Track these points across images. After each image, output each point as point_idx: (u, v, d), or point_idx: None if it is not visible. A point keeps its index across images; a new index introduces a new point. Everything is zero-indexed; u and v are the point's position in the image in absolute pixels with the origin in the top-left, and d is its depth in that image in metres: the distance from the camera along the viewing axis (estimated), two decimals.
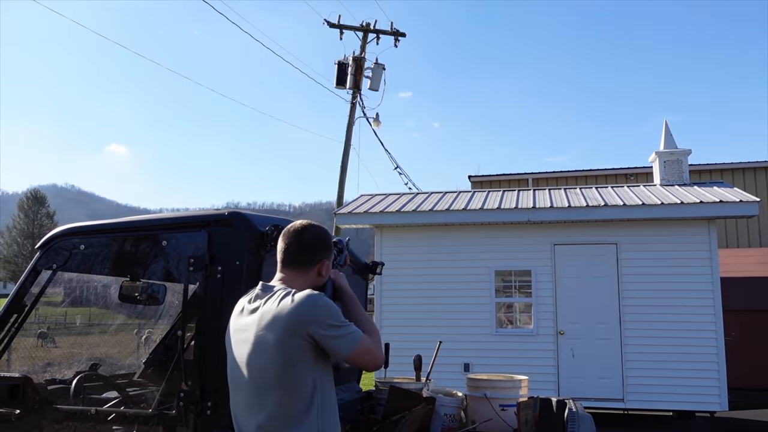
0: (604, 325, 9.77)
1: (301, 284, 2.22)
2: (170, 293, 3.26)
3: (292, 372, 2.06)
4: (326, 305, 2.10)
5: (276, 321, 2.07)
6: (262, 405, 2.10)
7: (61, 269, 2.98)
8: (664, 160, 11.47)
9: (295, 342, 2.05)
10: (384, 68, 18.49)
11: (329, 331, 2.06)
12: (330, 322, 2.07)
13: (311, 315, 2.05)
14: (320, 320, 2.05)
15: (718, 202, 9.54)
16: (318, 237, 2.28)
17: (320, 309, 2.08)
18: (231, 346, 2.25)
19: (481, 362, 9.58)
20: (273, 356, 2.07)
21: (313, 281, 2.26)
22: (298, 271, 2.25)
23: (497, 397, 3.27)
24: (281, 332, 2.06)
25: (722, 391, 9.30)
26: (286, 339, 2.05)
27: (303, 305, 2.06)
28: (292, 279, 2.24)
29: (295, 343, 2.05)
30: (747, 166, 19.80)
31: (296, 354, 2.06)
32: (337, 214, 11.19)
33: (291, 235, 2.27)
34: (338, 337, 2.07)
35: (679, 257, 9.69)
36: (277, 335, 2.06)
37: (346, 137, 18.18)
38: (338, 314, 2.10)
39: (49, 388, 3.01)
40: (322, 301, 2.10)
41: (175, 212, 3.05)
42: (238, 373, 2.18)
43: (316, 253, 2.26)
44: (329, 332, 2.06)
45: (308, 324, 2.05)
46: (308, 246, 2.26)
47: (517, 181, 21.49)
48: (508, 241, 10.31)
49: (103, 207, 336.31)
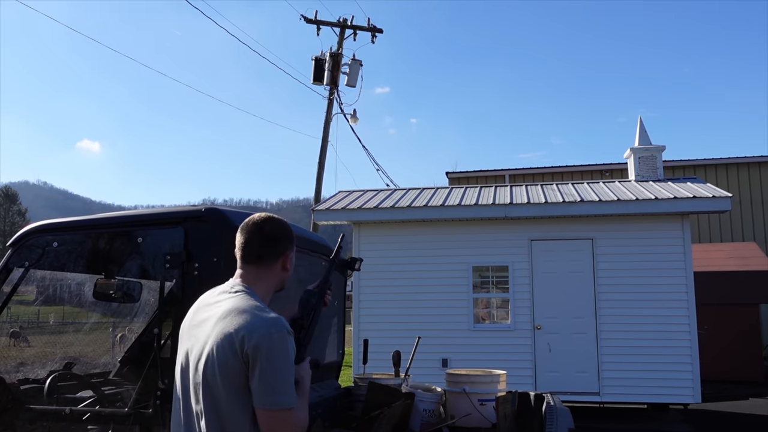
0: (580, 319, 9.87)
1: (266, 282, 2.06)
2: (146, 291, 3.22)
3: (229, 385, 1.83)
4: (282, 344, 1.81)
5: (233, 322, 1.85)
6: (202, 409, 1.87)
7: (34, 267, 2.93)
8: (638, 156, 11.61)
9: (234, 354, 1.82)
10: (361, 64, 18.45)
11: (265, 369, 1.78)
12: (277, 364, 1.79)
13: (261, 340, 1.79)
14: (266, 350, 1.78)
15: (692, 198, 9.68)
16: (280, 228, 2.10)
17: (274, 342, 1.80)
18: (182, 343, 2.05)
19: (459, 357, 9.60)
20: (215, 358, 1.85)
21: (279, 277, 2.10)
22: (261, 266, 2.06)
23: (476, 392, 3.28)
24: (228, 336, 1.83)
25: (695, 383, 9.44)
26: (227, 345, 1.83)
27: (262, 325, 1.82)
28: (254, 276, 2.05)
29: (232, 355, 1.82)
30: (720, 162, 20.13)
31: (231, 368, 1.82)
32: (315, 211, 11.15)
33: (251, 228, 2.07)
34: (272, 384, 1.79)
35: (653, 252, 9.81)
36: (224, 337, 1.84)
37: (323, 134, 18.11)
38: (289, 362, 1.83)
39: (21, 388, 2.95)
40: (282, 336, 1.82)
41: (151, 209, 3.01)
42: (185, 371, 1.98)
43: (279, 245, 2.07)
44: (264, 370, 1.78)
45: (253, 347, 1.79)
46: (271, 238, 2.07)
47: (494, 177, 21.62)
48: (486, 236, 10.36)
49: (77, 204, 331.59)
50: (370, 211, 10.46)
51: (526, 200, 10.22)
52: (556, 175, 20.97)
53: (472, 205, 10.24)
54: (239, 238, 2.09)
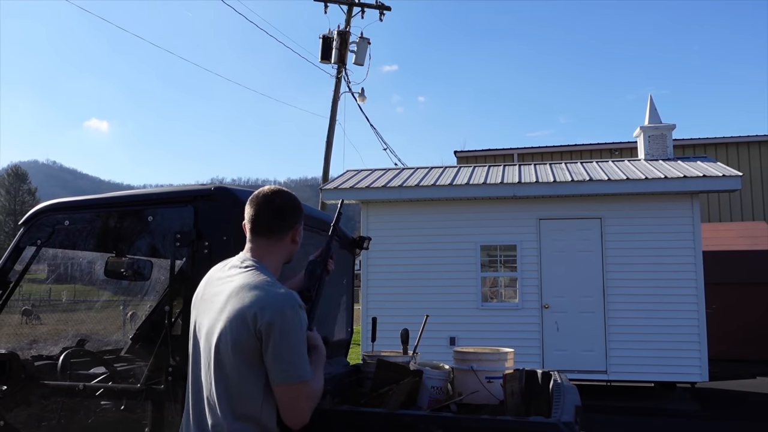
0: (588, 298, 9.88)
1: (276, 255, 2.08)
2: (156, 269, 3.25)
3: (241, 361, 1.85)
4: (295, 319, 1.84)
5: (245, 298, 1.87)
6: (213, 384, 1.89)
7: (46, 245, 2.96)
8: (648, 135, 11.52)
9: (246, 328, 1.84)
10: (369, 42, 18.32)
11: (279, 344, 1.81)
12: (288, 336, 1.81)
13: (274, 316, 1.81)
14: (280, 328, 1.81)
15: (702, 177, 9.62)
16: (290, 200, 2.12)
17: (286, 318, 1.82)
18: (194, 316, 2.08)
19: (467, 336, 9.66)
20: (228, 333, 1.87)
21: (288, 249, 2.12)
22: (272, 239, 2.07)
23: (483, 370, 3.30)
24: (240, 310, 1.86)
25: (703, 362, 9.46)
26: (239, 319, 1.85)
27: (275, 302, 1.84)
28: (265, 249, 2.07)
29: (245, 330, 1.84)
30: (730, 141, 19.95)
31: (244, 342, 1.84)
32: (323, 190, 11.16)
33: (261, 201, 2.09)
34: (287, 360, 1.82)
35: (662, 231, 9.78)
36: (237, 311, 1.87)
37: (331, 113, 18.06)
38: (301, 336, 1.85)
39: (36, 365, 3.00)
40: (295, 312, 1.85)
41: (161, 187, 3.03)
42: (197, 344, 2.01)
43: (289, 217, 2.10)
44: (278, 346, 1.81)
45: (266, 323, 1.81)
46: (280, 211, 2.09)
47: (502, 156, 21.54)
48: (494, 216, 10.36)
49: (86, 183, 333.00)
50: (378, 190, 10.47)
51: (534, 179, 10.19)
52: (565, 154, 20.86)
53: (481, 184, 10.22)
54: (248, 210, 2.10)
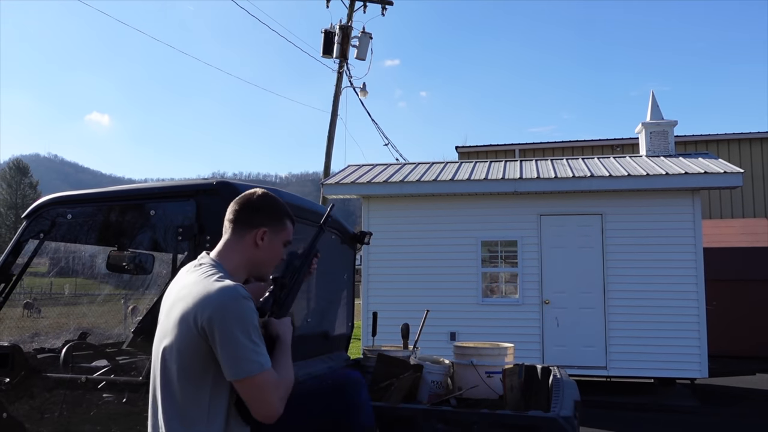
0: (588, 294, 9.89)
1: (238, 255, 1.97)
2: (158, 263, 3.26)
3: (182, 363, 1.78)
4: (238, 311, 1.74)
5: (185, 298, 1.81)
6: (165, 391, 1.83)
7: (48, 239, 2.97)
8: (650, 132, 11.51)
9: (190, 330, 1.76)
10: (371, 37, 18.31)
11: (227, 340, 1.71)
12: (233, 330, 1.71)
13: (215, 312, 1.73)
14: (222, 322, 1.72)
15: (703, 173, 9.61)
16: (268, 203, 2.01)
17: (228, 311, 1.73)
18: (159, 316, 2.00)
19: (467, 331, 9.68)
20: (171, 337, 1.81)
21: (250, 253, 1.98)
22: (236, 236, 1.97)
23: (483, 365, 3.31)
24: (181, 312, 1.79)
25: (703, 358, 9.47)
26: (182, 320, 1.78)
27: (213, 297, 1.75)
28: (228, 247, 1.97)
29: (188, 331, 1.77)
30: (732, 138, 19.92)
31: (187, 345, 1.77)
32: (324, 185, 11.17)
33: (239, 199, 2.03)
34: (234, 353, 1.72)
35: (663, 228, 9.79)
36: (178, 313, 1.80)
37: (332, 107, 18.05)
38: (249, 326, 1.74)
39: (38, 357, 3.02)
40: (237, 303, 1.74)
41: (164, 182, 3.04)
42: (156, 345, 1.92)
43: (254, 217, 1.98)
44: (226, 341, 1.72)
45: (207, 320, 1.73)
46: (249, 207, 1.99)
47: (504, 152, 21.51)
48: (495, 211, 10.36)
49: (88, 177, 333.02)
50: (379, 185, 10.47)
51: (535, 175, 10.19)
52: (566, 149, 20.84)
53: (482, 180, 10.22)
54: (230, 207, 2.03)
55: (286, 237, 2.07)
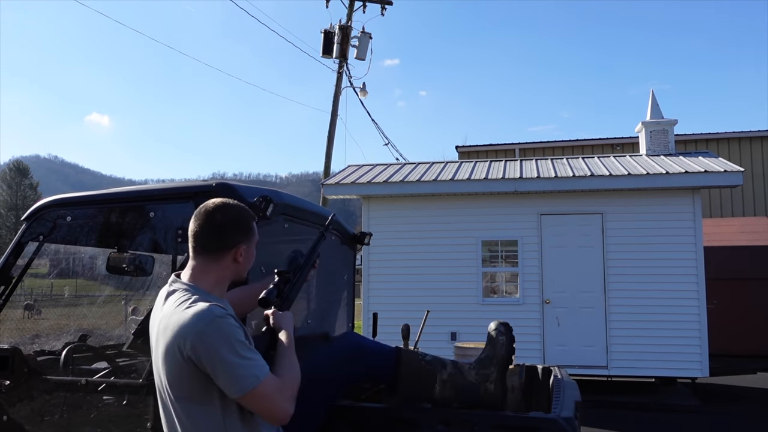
0: (589, 294, 9.89)
1: (214, 275, 1.91)
2: (158, 264, 3.26)
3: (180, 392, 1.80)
4: (221, 332, 1.72)
5: (167, 331, 1.79)
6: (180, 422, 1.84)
7: (48, 241, 2.97)
8: (650, 131, 11.50)
9: (176, 361, 1.77)
10: (371, 37, 18.29)
11: (216, 363, 1.72)
12: (220, 352, 1.71)
13: (197, 338, 1.72)
14: (208, 347, 1.71)
15: (703, 172, 9.61)
16: (233, 217, 1.94)
17: (210, 335, 1.72)
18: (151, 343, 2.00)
19: (468, 331, 9.67)
20: (162, 370, 1.83)
21: (231, 270, 1.95)
22: (210, 258, 1.91)
23: None
24: (167, 346, 1.78)
25: (703, 357, 9.47)
26: (168, 355, 1.78)
27: (192, 324, 1.73)
28: (201, 269, 1.91)
29: (176, 362, 1.77)
30: (732, 136, 19.91)
31: (180, 375, 1.78)
32: (325, 185, 11.17)
33: (201, 217, 1.92)
34: (227, 374, 1.72)
35: (663, 227, 9.78)
36: (164, 348, 1.80)
37: (332, 108, 18.04)
38: (234, 342, 1.73)
39: (38, 360, 3.01)
40: (217, 325, 1.73)
41: (162, 183, 3.04)
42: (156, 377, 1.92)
43: (230, 235, 1.92)
44: (216, 364, 1.72)
45: (190, 348, 1.72)
46: (220, 228, 1.91)
47: (504, 151, 21.50)
48: (495, 211, 10.36)
49: (88, 178, 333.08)
50: (379, 185, 10.47)
51: (536, 175, 10.19)
52: (566, 149, 20.84)
53: (482, 179, 10.22)
54: (190, 226, 1.94)
55: (257, 238, 2.05)
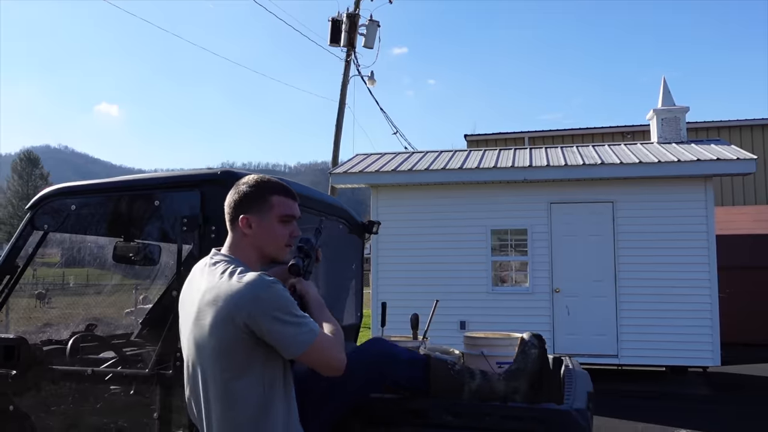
0: (599, 282, 9.82)
1: (243, 248, 2.01)
2: (165, 253, 3.23)
3: (228, 362, 1.83)
4: (275, 297, 1.81)
5: (216, 302, 1.83)
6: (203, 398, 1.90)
7: (53, 230, 2.94)
8: (661, 118, 11.38)
9: (230, 330, 1.81)
10: (379, 25, 18.14)
11: (274, 325, 1.79)
12: (277, 315, 1.79)
13: (254, 305, 1.79)
14: (264, 312, 1.78)
15: (716, 160, 9.49)
16: (245, 187, 2.03)
17: (266, 300, 1.80)
18: (180, 320, 2.05)
19: (477, 320, 9.63)
20: (209, 341, 1.84)
21: (248, 242, 2.01)
22: (231, 231, 2.06)
23: (494, 355, 3.26)
24: (218, 316, 1.82)
25: (715, 347, 9.40)
26: (220, 324, 1.81)
27: (246, 292, 1.79)
28: (233, 242, 2.04)
29: (230, 330, 1.81)
30: (743, 124, 19.70)
31: (232, 343, 1.82)
32: (333, 174, 11.12)
33: (230, 191, 2.09)
34: (286, 334, 1.80)
35: (675, 215, 9.69)
36: (213, 318, 1.82)
37: (340, 96, 17.94)
38: (289, 305, 1.83)
39: (45, 349, 3.00)
40: (269, 290, 1.81)
41: (168, 172, 3.00)
42: (184, 351, 1.98)
43: (235, 206, 2.02)
44: (274, 327, 1.79)
45: (247, 315, 1.78)
46: (229, 201, 2.05)
47: (513, 139, 21.37)
48: (505, 199, 10.28)
49: (98, 168, 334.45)
50: (387, 174, 10.41)
51: (545, 163, 10.10)
52: (576, 137, 20.68)
53: (491, 168, 10.14)
54: None
55: (279, 212, 2.03)
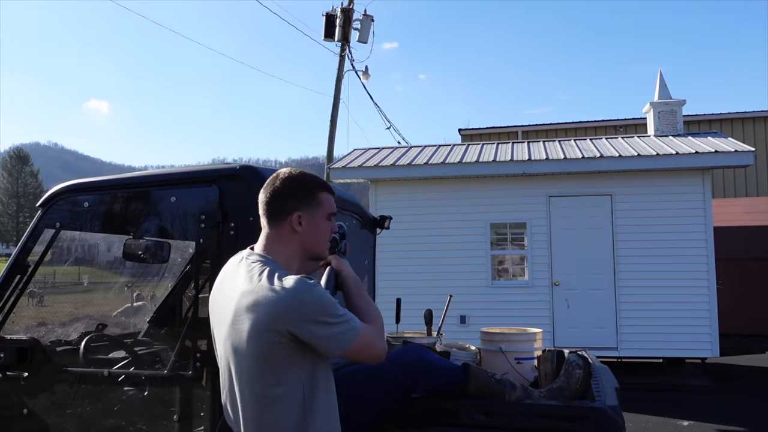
0: (598, 275, 9.82)
1: (283, 246, 1.93)
2: (174, 250, 3.17)
3: (267, 369, 1.78)
4: (318, 300, 1.77)
5: (257, 307, 1.76)
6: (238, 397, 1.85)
7: (65, 228, 2.86)
8: (658, 111, 11.38)
9: (271, 337, 1.75)
10: (373, 20, 18.09)
11: (318, 329, 1.75)
12: (321, 318, 1.75)
13: (298, 312, 1.74)
14: (309, 318, 1.74)
15: (714, 152, 9.51)
16: (289, 183, 1.95)
17: (310, 305, 1.75)
18: (212, 323, 1.99)
19: (478, 314, 9.61)
20: (248, 347, 1.78)
21: (295, 240, 1.95)
22: (272, 227, 1.94)
23: (512, 351, 3.23)
24: (259, 323, 1.75)
25: (714, 338, 9.45)
26: (262, 332, 1.75)
27: (290, 299, 1.74)
28: (273, 241, 1.94)
29: (270, 338, 1.75)
30: (736, 117, 19.79)
31: (272, 350, 1.77)
32: (332, 169, 11.05)
33: (266, 185, 1.98)
34: (330, 336, 1.77)
35: (673, 208, 9.70)
36: (253, 325, 1.76)
37: (335, 91, 17.88)
38: (331, 307, 1.78)
39: (57, 350, 2.93)
40: (312, 294, 1.76)
41: (185, 167, 2.94)
42: (220, 354, 1.92)
43: (286, 201, 1.93)
44: (319, 330, 1.75)
45: (291, 322, 1.74)
46: (278, 195, 1.94)
47: (507, 133, 21.35)
48: (504, 193, 10.25)
49: (88, 165, 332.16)
50: (386, 168, 10.36)
51: (544, 156, 10.08)
52: (569, 131, 20.69)
53: (490, 162, 10.11)
54: (260, 195, 1.99)
55: (327, 210, 2.01)
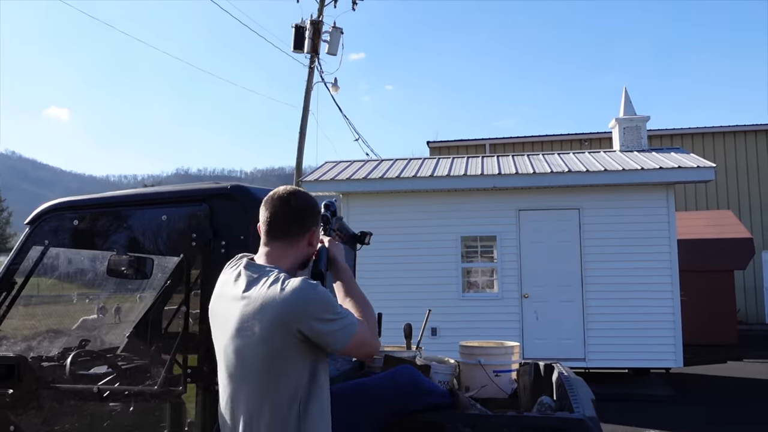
0: (567, 287, 10.03)
1: (291, 258, 2.07)
2: (164, 268, 3.20)
3: (277, 367, 1.91)
4: (320, 299, 1.91)
5: (263, 311, 1.89)
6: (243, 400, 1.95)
7: (53, 245, 2.88)
8: (623, 127, 11.70)
9: (283, 337, 1.89)
10: (342, 32, 18.19)
11: (322, 326, 1.89)
12: (324, 316, 1.89)
13: (304, 311, 1.87)
14: (313, 315, 1.88)
15: (677, 168, 9.81)
16: (307, 203, 2.11)
17: (314, 303, 1.89)
18: (213, 332, 2.09)
19: (449, 326, 9.72)
20: (258, 350, 1.90)
21: (303, 253, 2.11)
22: (287, 243, 2.06)
23: (490, 364, 3.33)
24: (269, 325, 1.88)
25: (677, 348, 9.71)
26: (273, 333, 1.88)
27: (295, 299, 1.87)
28: (280, 253, 2.06)
29: (283, 338, 1.89)
30: (696, 132, 20.42)
31: (283, 349, 1.90)
32: (303, 182, 11.08)
33: (276, 202, 2.07)
34: (332, 332, 1.90)
35: (638, 221, 9.98)
36: (264, 327, 1.88)
37: (304, 103, 17.90)
38: (333, 305, 1.93)
39: (44, 367, 2.93)
40: (315, 294, 1.90)
41: (175, 185, 2.98)
42: (222, 362, 2.03)
43: (306, 220, 2.09)
44: (322, 327, 1.89)
45: (299, 320, 1.87)
46: (297, 213, 2.07)
47: (474, 146, 21.66)
48: (474, 207, 10.42)
49: (47, 174, 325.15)
50: (359, 182, 10.44)
51: (514, 171, 10.28)
52: (536, 144, 21.08)
53: (461, 176, 10.27)
54: (264, 212, 2.08)
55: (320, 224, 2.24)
